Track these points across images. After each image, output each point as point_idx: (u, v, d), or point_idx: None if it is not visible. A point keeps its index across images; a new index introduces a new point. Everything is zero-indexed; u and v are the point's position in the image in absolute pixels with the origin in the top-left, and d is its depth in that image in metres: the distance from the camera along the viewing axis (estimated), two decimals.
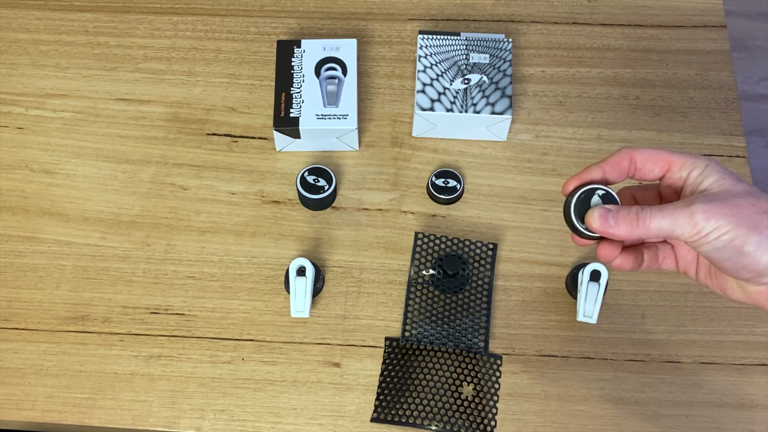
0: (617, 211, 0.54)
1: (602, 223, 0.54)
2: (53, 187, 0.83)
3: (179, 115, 0.86)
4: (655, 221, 0.52)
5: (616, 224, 0.53)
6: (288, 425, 0.73)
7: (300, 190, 0.80)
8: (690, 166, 0.55)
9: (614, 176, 0.57)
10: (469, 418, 0.73)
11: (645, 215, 0.53)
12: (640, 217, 0.53)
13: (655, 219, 0.52)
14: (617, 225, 0.53)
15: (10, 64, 0.89)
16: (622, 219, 0.53)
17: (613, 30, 0.92)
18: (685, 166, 0.55)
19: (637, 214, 0.53)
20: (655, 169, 0.56)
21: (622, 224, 0.53)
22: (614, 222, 0.53)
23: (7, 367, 0.75)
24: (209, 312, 0.78)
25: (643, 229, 0.52)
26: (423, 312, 0.77)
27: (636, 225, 0.53)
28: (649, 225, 0.52)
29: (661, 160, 0.56)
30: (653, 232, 0.52)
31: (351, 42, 0.85)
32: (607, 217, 0.54)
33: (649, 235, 0.53)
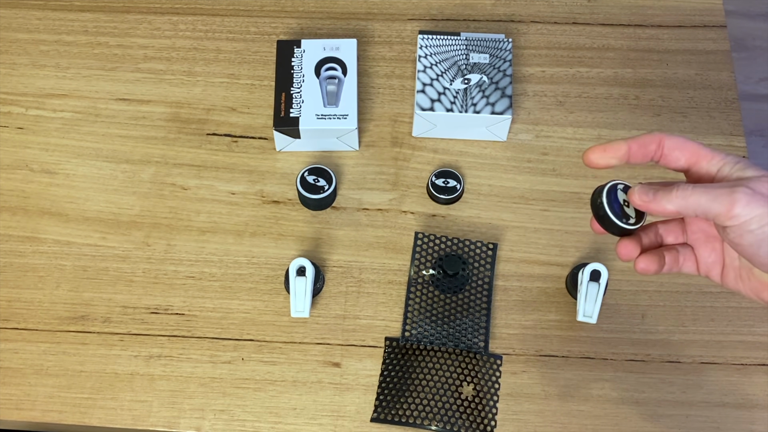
0: (658, 186, 0.53)
1: (641, 196, 0.53)
2: (53, 187, 0.83)
3: (179, 115, 0.86)
4: (695, 196, 0.50)
5: (654, 198, 0.52)
6: (288, 425, 0.73)
7: (300, 190, 0.80)
8: (720, 161, 0.53)
9: (639, 156, 0.55)
10: (469, 418, 0.73)
11: (687, 188, 0.51)
12: (680, 189, 0.51)
13: (695, 193, 0.51)
14: (656, 199, 0.52)
15: (10, 64, 0.89)
16: (661, 193, 0.52)
17: (613, 30, 0.92)
18: (715, 160, 0.53)
19: (678, 187, 0.51)
20: (681, 159, 0.55)
21: (661, 198, 0.52)
22: (653, 195, 0.52)
23: (7, 367, 0.75)
24: (209, 312, 0.78)
25: (681, 200, 0.51)
26: (423, 312, 0.77)
27: (675, 197, 0.51)
28: (688, 198, 0.51)
29: (689, 151, 0.54)
30: (690, 208, 0.51)
31: (351, 42, 0.85)
32: (647, 191, 0.53)
33: (685, 211, 0.51)
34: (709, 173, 0.54)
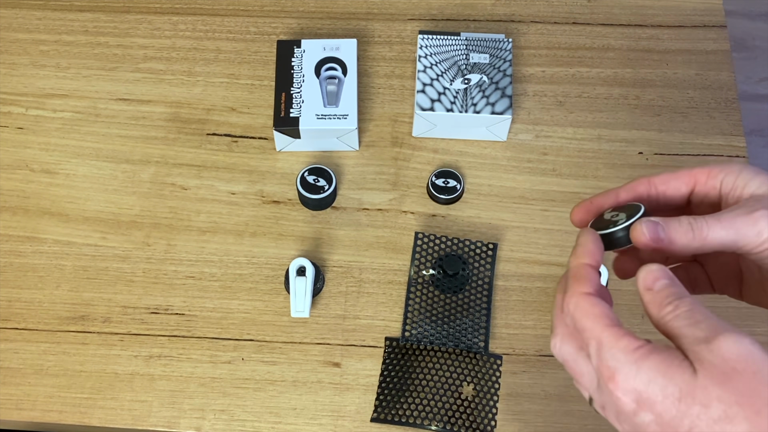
0: (666, 222, 0.46)
1: (653, 238, 0.45)
2: (53, 187, 0.83)
3: (179, 115, 0.86)
4: (714, 231, 0.45)
5: (668, 238, 0.45)
6: (288, 425, 0.73)
7: (300, 190, 0.80)
8: (720, 173, 0.48)
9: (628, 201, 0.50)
10: (469, 418, 0.73)
11: (701, 225, 0.45)
12: (695, 228, 0.45)
13: (713, 229, 0.45)
14: (670, 239, 0.45)
15: (10, 64, 0.89)
16: (674, 232, 0.45)
17: (613, 30, 0.92)
18: (713, 173, 0.48)
19: (691, 225, 0.45)
20: (681, 187, 0.49)
21: (676, 237, 0.45)
22: (665, 235, 0.45)
23: (7, 367, 0.75)
24: (209, 312, 0.78)
25: (700, 241, 0.45)
26: (423, 312, 0.77)
27: (692, 238, 0.45)
28: (707, 237, 0.45)
29: (684, 176, 0.49)
30: (711, 245, 0.45)
31: (351, 42, 0.85)
32: (657, 231, 0.45)
33: (705, 248, 0.45)
34: (715, 188, 0.49)
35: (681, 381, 0.40)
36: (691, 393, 0.39)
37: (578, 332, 0.44)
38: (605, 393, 0.42)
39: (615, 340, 0.42)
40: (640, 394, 0.40)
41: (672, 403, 0.40)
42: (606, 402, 0.43)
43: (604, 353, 0.42)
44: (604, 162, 0.85)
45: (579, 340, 0.44)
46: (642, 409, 0.40)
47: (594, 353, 0.42)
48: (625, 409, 0.41)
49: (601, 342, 0.42)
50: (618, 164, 0.84)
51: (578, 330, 0.44)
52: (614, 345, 0.42)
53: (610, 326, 0.42)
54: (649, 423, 0.40)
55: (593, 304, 0.44)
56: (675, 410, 0.39)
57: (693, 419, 0.39)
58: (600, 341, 0.42)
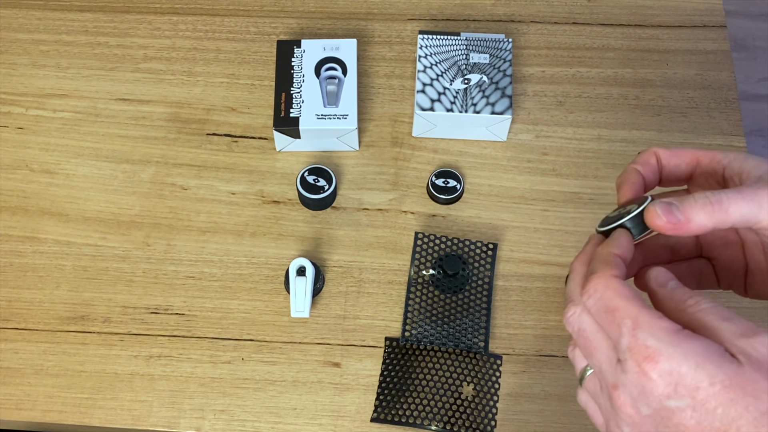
0: (680, 201, 0.44)
1: (670, 219, 0.43)
2: (53, 187, 0.83)
3: (179, 115, 0.86)
4: (736, 205, 0.43)
5: (686, 217, 0.43)
6: (288, 425, 0.73)
7: (300, 190, 0.80)
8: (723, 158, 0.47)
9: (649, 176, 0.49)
10: (469, 418, 0.73)
11: (720, 198, 0.43)
12: (714, 201, 0.43)
13: (735, 202, 0.43)
14: (687, 217, 0.43)
15: (10, 64, 0.89)
16: (690, 209, 0.43)
17: (613, 30, 0.92)
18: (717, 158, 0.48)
19: (709, 199, 0.43)
20: (681, 165, 0.49)
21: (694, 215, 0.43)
22: (682, 214, 0.43)
23: (7, 367, 0.75)
24: (209, 312, 0.78)
25: (721, 214, 0.43)
26: (423, 312, 0.77)
27: (712, 211, 0.43)
28: (728, 209, 0.43)
29: (686, 155, 0.49)
30: (733, 219, 0.43)
31: (351, 42, 0.85)
32: (672, 211, 0.43)
33: (726, 224, 0.43)
34: (716, 173, 0.48)
35: (729, 370, 0.39)
36: (740, 384, 0.38)
37: (607, 312, 0.42)
38: (631, 373, 0.41)
39: (655, 320, 0.40)
40: (683, 378, 0.39)
41: (720, 391, 0.39)
42: (626, 382, 0.41)
43: (641, 332, 0.40)
44: (604, 162, 0.85)
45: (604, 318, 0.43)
46: (679, 393, 0.39)
47: (628, 332, 0.41)
48: (655, 391, 0.40)
49: (638, 321, 0.41)
50: (618, 164, 0.84)
51: (608, 310, 0.42)
52: (654, 325, 0.40)
53: (645, 307, 0.41)
54: (685, 408, 0.39)
55: (624, 286, 0.43)
56: (722, 398, 0.39)
57: (741, 410, 0.38)
58: (637, 320, 0.41)
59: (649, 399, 0.40)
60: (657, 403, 0.40)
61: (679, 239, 0.52)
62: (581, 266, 0.47)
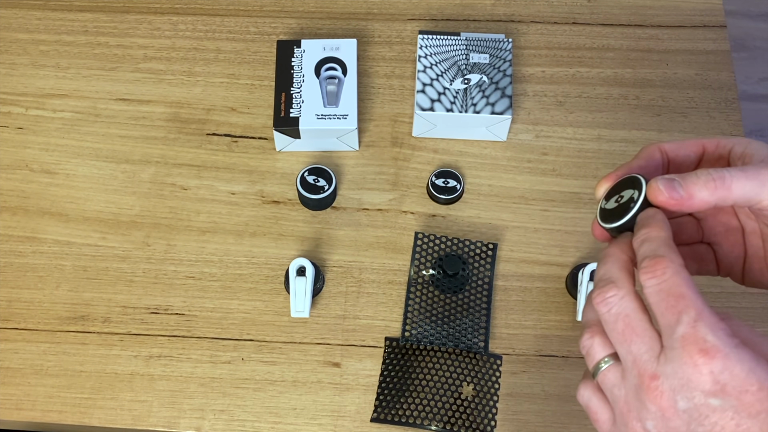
0: (683, 178, 0.44)
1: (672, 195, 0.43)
2: (53, 187, 0.83)
3: (179, 115, 0.86)
4: (739, 182, 0.43)
5: (687, 193, 0.43)
6: (288, 425, 0.73)
7: (300, 190, 0.80)
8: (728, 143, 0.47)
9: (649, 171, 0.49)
10: (469, 418, 0.73)
11: (723, 175, 0.43)
12: (717, 178, 0.43)
13: (738, 180, 0.43)
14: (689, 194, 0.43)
15: (10, 64, 0.89)
16: (692, 185, 0.43)
17: (613, 30, 0.92)
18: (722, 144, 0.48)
19: (712, 176, 0.43)
20: (690, 155, 0.49)
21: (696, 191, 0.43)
22: (685, 191, 0.43)
23: (7, 367, 0.75)
24: (209, 312, 0.78)
25: (724, 191, 0.43)
26: (423, 312, 0.77)
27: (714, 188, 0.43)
28: (731, 186, 0.43)
29: (692, 145, 0.49)
30: (736, 197, 0.43)
31: (351, 42, 0.85)
32: (674, 186, 0.44)
33: (729, 201, 0.43)
34: (722, 158, 0.48)
35: None
36: None
37: (670, 296, 0.41)
38: (678, 363, 0.40)
39: (718, 320, 0.40)
40: (734, 379, 0.39)
41: (767, 397, 0.39)
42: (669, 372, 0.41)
43: (702, 327, 0.40)
44: (604, 162, 0.85)
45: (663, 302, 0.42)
46: (727, 393, 0.39)
47: (689, 321, 0.40)
48: (702, 386, 0.40)
49: (702, 314, 0.40)
50: (618, 164, 0.84)
51: (673, 294, 0.41)
52: (717, 324, 0.40)
53: (711, 307, 0.41)
54: (727, 409, 0.39)
55: (692, 280, 0.42)
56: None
57: None
58: (701, 313, 0.40)
59: (693, 393, 0.40)
60: (699, 399, 0.40)
61: (681, 223, 0.51)
62: (621, 252, 0.46)
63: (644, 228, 0.44)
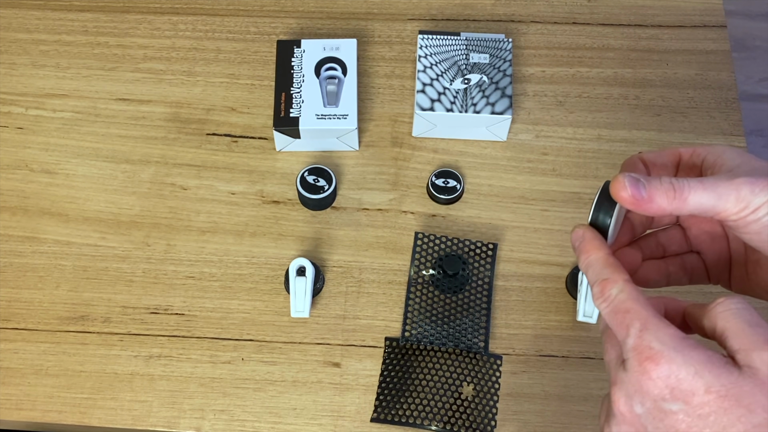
0: (648, 180, 0.45)
1: (634, 193, 0.45)
2: (53, 187, 0.83)
3: (179, 115, 0.86)
4: (696, 194, 0.44)
5: (648, 196, 0.45)
6: (288, 425, 0.73)
7: (300, 190, 0.80)
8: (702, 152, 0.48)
9: None
10: (469, 418, 0.73)
11: (683, 186, 0.44)
12: (677, 188, 0.44)
13: (695, 191, 0.44)
14: (650, 197, 0.44)
15: (10, 64, 0.89)
16: (655, 190, 0.44)
17: (613, 30, 0.92)
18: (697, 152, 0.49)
19: (673, 185, 0.44)
20: (667, 164, 0.50)
21: (656, 196, 0.44)
22: (647, 193, 0.45)
23: (7, 367, 0.75)
24: (209, 312, 0.78)
25: (680, 202, 0.44)
26: (423, 312, 0.77)
27: (672, 197, 0.44)
28: (687, 198, 0.44)
29: (669, 154, 0.50)
30: (691, 208, 0.44)
31: (351, 42, 0.85)
32: (638, 186, 0.45)
33: (684, 211, 0.45)
34: (696, 166, 0.49)
35: (727, 381, 0.40)
36: (736, 395, 0.40)
37: (617, 313, 0.44)
38: (631, 371, 0.42)
39: (663, 326, 0.42)
40: (681, 382, 0.40)
41: (714, 399, 0.40)
42: (624, 380, 0.43)
43: (647, 334, 0.42)
44: (604, 162, 0.85)
45: (614, 320, 0.44)
46: (675, 397, 0.41)
47: (635, 333, 0.42)
48: (652, 391, 0.41)
49: (647, 324, 0.42)
50: (618, 164, 0.84)
51: (619, 311, 0.43)
52: (661, 329, 0.42)
53: (656, 314, 0.43)
54: (677, 411, 0.41)
55: (639, 292, 0.44)
56: (716, 407, 0.40)
57: (733, 420, 0.40)
58: (646, 322, 0.42)
59: (644, 398, 0.42)
60: (651, 403, 0.41)
61: (670, 235, 0.53)
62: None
63: (583, 254, 0.47)
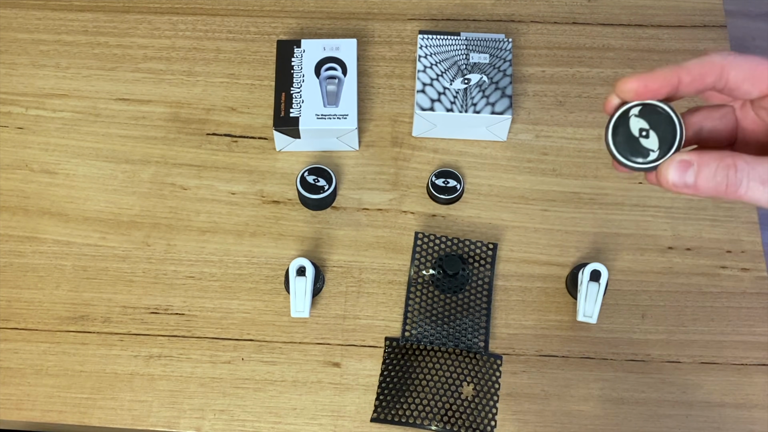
0: (700, 165, 0.41)
1: (680, 179, 0.41)
2: (53, 187, 0.83)
3: (179, 115, 0.86)
4: (752, 191, 0.40)
5: (695, 183, 0.41)
6: (288, 425, 0.73)
7: (300, 190, 0.80)
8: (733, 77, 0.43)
9: (689, 91, 0.44)
10: (469, 418, 0.73)
11: (740, 182, 0.41)
12: (730, 181, 0.41)
13: (753, 191, 0.40)
14: (697, 185, 0.41)
15: (10, 64, 0.89)
16: (705, 179, 0.41)
17: (613, 30, 0.92)
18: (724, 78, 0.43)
19: (727, 175, 0.41)
20: (753, 92, 0.44)
21: (704, 185, 0.41)
22: (694, 180, 0.41)
23: (7, 367, 0.75)
24: (209, 312, 0.78)
25: (732, 196, 0.41)
26: (423, 312, 0.77)
27: (724, 190, 0.41)
28: (741, 193, 0.41)
29: (763, 81, 0.43)
30: (744, 200, 0.41)
31: (351, 42, 0.85)
32: (686, 172, 0.41)
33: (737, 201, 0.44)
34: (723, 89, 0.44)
35: None
36: None
37: None
38: None
39: None
40: None
41: None
42: None
43: None
44: (604, 162, 0.85)
45: None
46: None
47: None
48: None
49: None
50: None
51: None
52: None
53: None
54: None
55: None
56: None
57: None
58: None
59: None
60: None
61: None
62: None
63: None
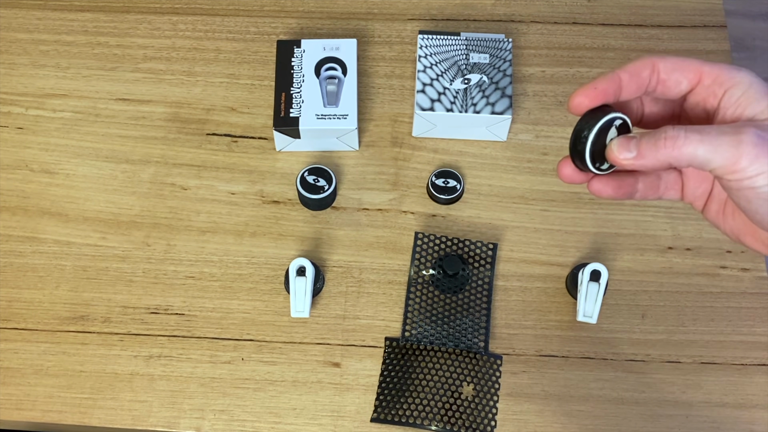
0: (642, 136, 0.43)
1: (622, 153, 0.44)
2: (53, 187, 0.83)
3: (179, 115, 0.86)
4: (690, 146, 0.42)
5: (639, 153, 0.43)
6: (288, 425, 0.73)
7: (300, 190, 0.80)
8: (727, 81, 0.45)
9: (632, 88, 0.47)
10: (469, 418, 0.73)
11: (677, 136, 0.42)
12: (669, 138, 0.42)
13: (690, 143, 0.42)
14: (640, 151, 0.43)
15: (10, 64, 0.89)
16: (646, 145, 0.43)
17: (613, 30, 0.92)
18: (720, 79, 0.45)
19: (666, 135, 0.42)
20: (682, 82, 0.46)
21: (646, 149, 0.43)
22: (636, 150, 0.43)
23: (7, 367, 0.75)
24: (209, 312, 0.78)
25: (672, 151, 0.42)
26: (423, 312, 0.77)
27: (663, 147, 0.42)
28: (681, 149, 0.42)
29: (690, 71, 0.46)
30: (684, 160, 0.42)
31: (351, 42, 0.85)
32: (629, 143, 0.44)
33: (678, 163, 0.43)
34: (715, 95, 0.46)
35: None
36: None
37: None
38: None
39: None
40: None
41: None
42: None
43: None
44: None
45: None
46: None
47: None
48: None
49: None
50: None
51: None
52: None
53: None
54: None
55: None
56: None
57: None
58: None
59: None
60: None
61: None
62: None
63: None
